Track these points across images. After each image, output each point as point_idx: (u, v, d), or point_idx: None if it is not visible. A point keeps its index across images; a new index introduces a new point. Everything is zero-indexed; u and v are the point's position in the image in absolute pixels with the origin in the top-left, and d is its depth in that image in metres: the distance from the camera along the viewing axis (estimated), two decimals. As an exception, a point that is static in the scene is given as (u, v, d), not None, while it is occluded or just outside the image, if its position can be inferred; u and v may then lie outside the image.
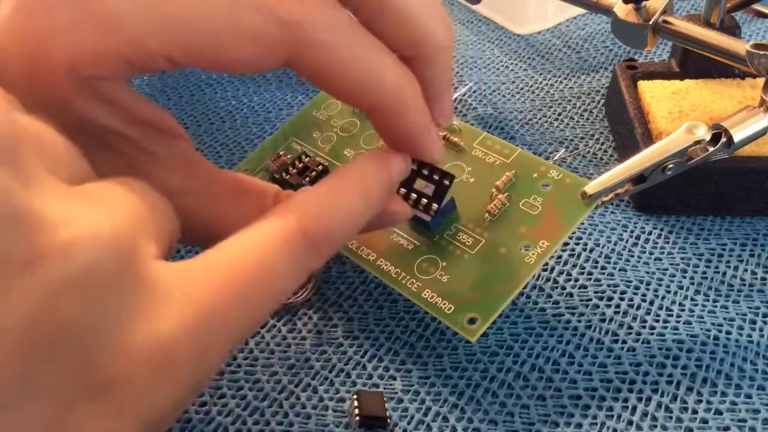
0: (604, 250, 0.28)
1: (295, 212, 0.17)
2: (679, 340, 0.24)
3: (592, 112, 0.36)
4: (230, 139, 0.36)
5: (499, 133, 0.35)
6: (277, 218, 0.17)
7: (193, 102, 0.39)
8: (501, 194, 0.24)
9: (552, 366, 0.24)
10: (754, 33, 0.42)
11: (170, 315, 0.14)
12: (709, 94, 0.31)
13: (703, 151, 0.24)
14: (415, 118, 0.20)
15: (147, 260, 0.15)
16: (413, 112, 0.20)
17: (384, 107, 0.19)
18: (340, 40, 0.18)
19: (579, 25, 0.44)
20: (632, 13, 0.30)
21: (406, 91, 0.20)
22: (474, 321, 0.22)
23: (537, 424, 0.22)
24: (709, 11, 0.31)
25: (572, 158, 0.33)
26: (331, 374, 0.24)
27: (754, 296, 0.26)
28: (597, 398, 0.23)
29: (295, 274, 0.17)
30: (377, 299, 0.27)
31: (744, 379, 0.23)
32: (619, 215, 0.30)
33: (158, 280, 0.14)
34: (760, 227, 0.29)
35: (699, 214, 0.29)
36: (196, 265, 0.16)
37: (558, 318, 0.25)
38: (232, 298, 0.15)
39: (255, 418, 0.23)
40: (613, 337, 0.24)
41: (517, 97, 0.38)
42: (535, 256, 0.23)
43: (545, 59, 0.41)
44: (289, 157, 0.29)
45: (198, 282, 0.15)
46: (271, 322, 0.26)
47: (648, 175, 0.23)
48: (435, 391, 0.23)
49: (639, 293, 0.26)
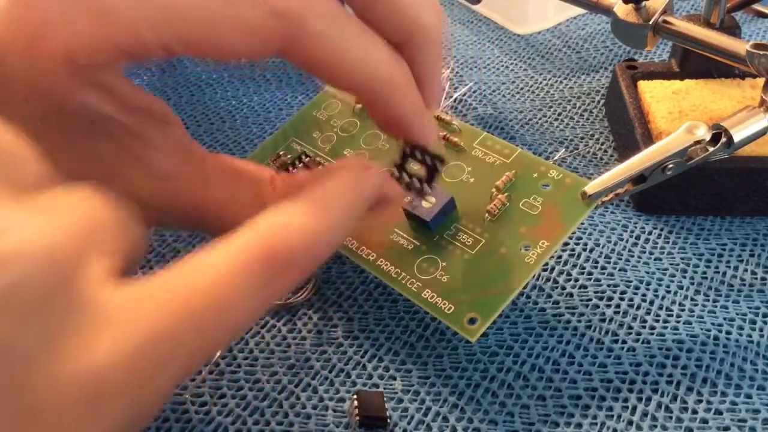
0: (604, 250, 0.28)
1: (262, 233, 0.16)
2: (679, 340, 0.24)
3: (592, 112, 0.36)
4: (230, 139, 0.36)
5: (499, 133, 0.35)
6: (241, 239, 0.16)
7: (193, 102, 0.39)
8: (501, 194, 0.24)
9: (552, 366, 0.24)
10: (754, 33, 0.42)
11: (107, 342, 0.13)
12: (709, 94, 0.31)
13: (703, 151, 0.24)
14: (409, 103, 0.20)
15: (91, 279, 0.14)
16: (407, 98, 0.20)
17: (378, 94, 0.20)
18: (334, 30, 0.18)
19: (579, 25, 0.44)
20: (632, 13, 0.30)
21: (399, 78, 0.20)
22: (474, 321, 0.22)
23: (537, 424, 0.22)
24: (709, 11, 0.31)
25: (572, 158, 0.33)
26: (331, 374, 0.24)
27: (754, 296, 0.26)
28: (597, 398, 0.23)
29: (258, 301, 0.16)
30: (377, 299, 0.27)
31: (744, 379, 0.23)
32: (619, 215, 0.30)
33: (101, 302, 0.13)
34: (760, 227, 0.29)
35: (699, 214, 0.29)
36: (148, 288, 0.15)
37: (558, 318, 0.25)
38: (182, 325, 0.14)
39: (255, 418, 0.23)
40: (613, 337, 0.24)
41: (517, 97, 0.38)
42: (535, 256, 0.23)
43: (545, 59, 0.41)
44: (289, 157, 0.29)
45: (146, 307, 0.14)
46: (271, 322, 0.26)
47: (648, 175, 0.23)
48: (435, 391, 0.23)
49: (639, 293, 0.26)
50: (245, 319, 0.16)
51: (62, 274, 0.13)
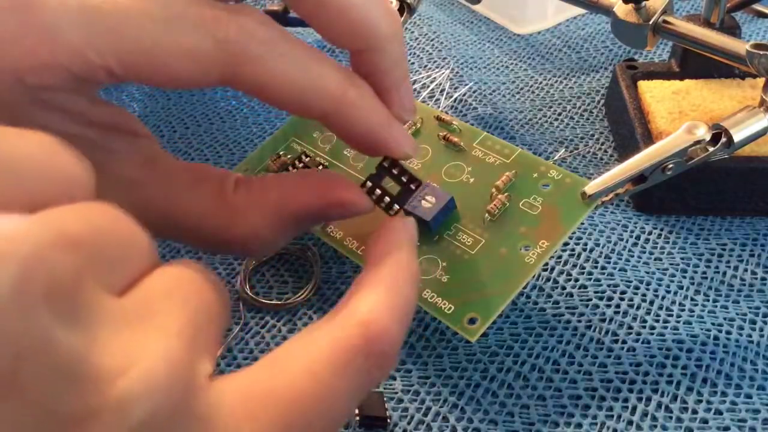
0: (604, 250, 0.28)
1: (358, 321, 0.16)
2: (679, 340, 0.24)
3: (592, 112, 0.36)
4: (230, 139, 0.36)
5: (499, 133, 0.35)
6: (337, 330, 0.16)
7: (193, 102, 0.39)
8: (501, 194, 0.24)
9: (552, 366, 0.24)
10: (754, 33, 0.42)
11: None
12: (709, 94, 0.31)
13: (703, 151, 0.24)
14: (369, 117, 0.20)
15: (202, 390, 0.13)
16: (365, 112, 0.20)
17: (334, 114, 0.20)
18: (276, 56, 0.18)
19: (579, 25, 0.44)
20: (632, 13, 0.29)
21: (352, 92, 0.20)
22: (474, 321, 0.22)
23: (537, 424, 0.22)
24: (709, 11, 0.31)
25: (572, 158, 0.33)
26: (331, 374, 0.24)
27: (754, 296, 0.26)
28: (597, 398, 0.23)
29: (357, 392, 0.16)
30: (377, 299, 0.27)
31: (744, 379, 0.23)
32: (619, 215, 0.30)
33: (212, 413, 0.13)
34: (760, 227, 0.29)
35: (699, 214, 0.29)
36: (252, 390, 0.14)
37: (558, 318, 0.25)
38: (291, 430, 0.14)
39: (255, 418, 0.23)
40: (613, 337, 0.24)
41: (517, 97, 0.38)
42: (535, 256, 0.23)
43: (545, 59, 0.41)
44: (289, 157, 0.29)
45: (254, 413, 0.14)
46: (271, 322, 0.26)
47: (648, 175, 0.23)
48: (435, 391, 0.23)
49: (639, 293, 0.26)
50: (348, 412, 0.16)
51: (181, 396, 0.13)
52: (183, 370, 0.13)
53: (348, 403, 0.16)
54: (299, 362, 0.15)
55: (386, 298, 0.17)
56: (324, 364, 0.15)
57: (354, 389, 0.15)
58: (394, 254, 0.18)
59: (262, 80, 0.18)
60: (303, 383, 0.15)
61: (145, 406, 0.12)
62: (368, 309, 0.16)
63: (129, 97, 0.39)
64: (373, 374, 0.16)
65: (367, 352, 0.16)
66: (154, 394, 0.12)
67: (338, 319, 0.16)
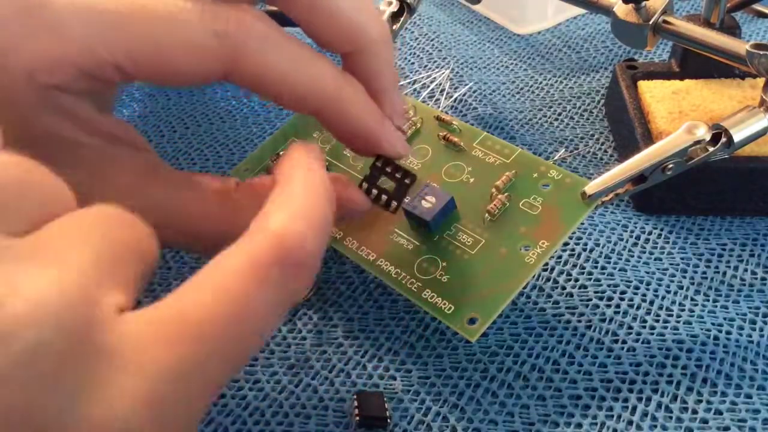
0: (604, 250, 0.28)
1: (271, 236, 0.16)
2: (679, 340, 0.24)
3: (592, 112, 0.36)
4: (230, 139, 0.36)
5: (499, 133, 0.35)
6: (249, 245, 0.15)
7: (193, 102, 0.39)
8: (501, 194, 0.24)
9: (552, 366, 0.24)
10: (754, 33, 0.42)
11: (129, 387, 0.13)
12: (709, 94, 0.31)
13: (703, 151, 0.24)
14: (362, 114, 0.21)
15: (105, 323, 0.13)
16: (360, 108, 0.21)
17: (329, 110, 0.20)
18: (274, 49, 0.19)
19: (579, 25, 0.44)
20: (632, 13, 0.29)
21: (347, 89, 0.20)
22: (474, 321, 0.22)
23: (537, 424, 0.22)
24: (709, 11, 0.31)
25: (572, 158, 0.33)
26: (331, 374, 0.24)
27: (754, 296, 0.26)
28: (597, 398, 0.23)
29: (276, 306, 0.16)
30: (377, 299, 0.27)
31: (744, 379, 0.23)
32: (619, 215, 0.30)
33: (117, 345, 0.13)
34: (760, 227, 0.29)
35: (699, 214, 0.29)
36: (161, 316, 0.14)
37: (558, 318, 0.25)
38: (205, 352, 0.14)
39: (255, 418, 0.23)
40: (613, 337, 0.24)
41: (517, 97, 0.38)
42: (535, 256, 0.23)
43: (545, 59, 0.41)
44: (289, 157, 0.29)
45: (163, 339, 0.14)
46: (271, 322, 0.26)
47: (648, 175, 0.23)
48: (435, 391, 0.23)
49: (639, 293, 0.26)
50: (265, 327, 0.16)
51: (76, 327, 0.12)
52: (80, 300, 0.13)
53: (267, 318, 0.15)
54: (210, 282, 0.15)
55: (300, 210, 0.17)
56: (237, 280, 0.15)
57: (271, 303, 0.15)
58: (304, 172, 0.18)
59: (260, 73, 0.19)
60: (216, 302, 0.14)
61: (28, 333, 0.12)
62: (281, 222, 0.16)
63: (129, 97, 0.39)
64: (290, 286, 0.16)
65: (283, 263, 0.15)
66: (44, 320, 0.12)
67: (250, 235, 0.16)
